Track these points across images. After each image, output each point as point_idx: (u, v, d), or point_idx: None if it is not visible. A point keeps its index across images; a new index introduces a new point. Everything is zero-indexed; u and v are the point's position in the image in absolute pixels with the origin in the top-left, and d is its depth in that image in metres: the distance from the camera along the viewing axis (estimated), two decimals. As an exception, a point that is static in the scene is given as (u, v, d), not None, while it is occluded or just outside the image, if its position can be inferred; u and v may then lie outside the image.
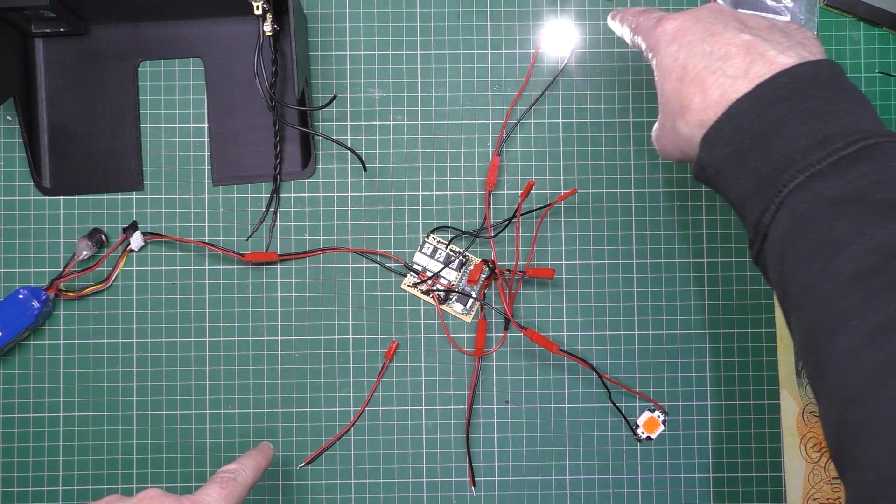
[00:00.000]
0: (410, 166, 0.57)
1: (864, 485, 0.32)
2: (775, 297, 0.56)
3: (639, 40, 0.45)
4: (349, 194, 0.57)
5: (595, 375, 0.55)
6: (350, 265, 0.56)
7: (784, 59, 0.38)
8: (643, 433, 0.56)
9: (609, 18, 0.50)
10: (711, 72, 0.39)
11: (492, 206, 0.56)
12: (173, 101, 0.56)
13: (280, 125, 0.56)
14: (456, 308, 0.56)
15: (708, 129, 0.39)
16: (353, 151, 0.55)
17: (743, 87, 0.38)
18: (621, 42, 0.57)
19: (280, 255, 0.56)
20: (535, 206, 0.56)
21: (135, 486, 0.55)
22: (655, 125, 0.45)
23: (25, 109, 0.55)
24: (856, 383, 0.33)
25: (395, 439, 0.56)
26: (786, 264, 0.36)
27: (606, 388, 0.55)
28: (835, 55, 0.57)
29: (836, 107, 0.37)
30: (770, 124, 0.37)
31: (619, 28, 0.49)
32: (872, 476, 0.32)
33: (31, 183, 0.56)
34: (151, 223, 0.56)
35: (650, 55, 0.44)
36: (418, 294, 0.56)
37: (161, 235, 0.56)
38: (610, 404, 0.56)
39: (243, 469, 0.47)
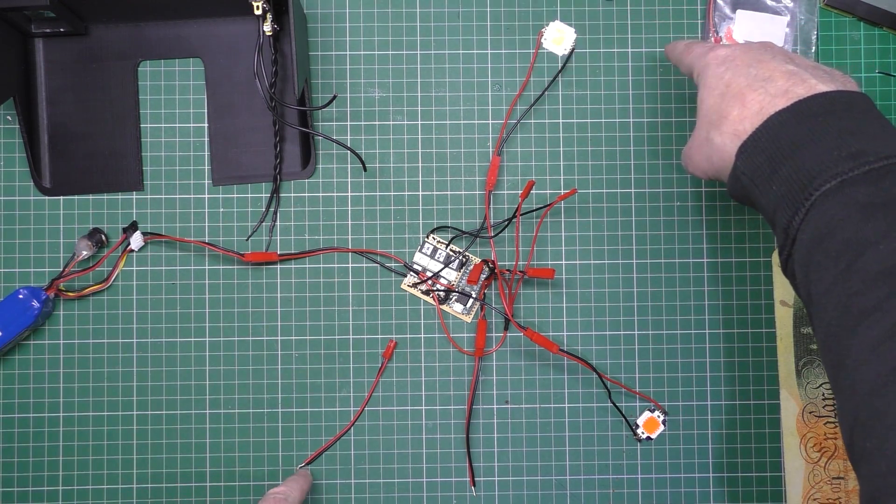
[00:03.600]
0: (410, 166, 0.57)
1: (877, 477, 0.32)
2: (775, 297, 0.56)
3: (690, 64, 0.48)
4: (349, 194, 0.57)
5: (595, 375, 0.55)
6: (350, 265, 0.56)
7: (824, 87, 0.40)
8: (643, 433, 0.56)
9: (667, 49, 0.53)
10: (753, 89, 0.42)
11: (492, 206, 0.56)
12: (173, 101, 0.56)
13: (280, 125, 0.56)
14: (456, 308, 0.56)
15: (746, 139, 0.41)
16: (353, 151, 0.55)
17: (781, 103, 0.40)
18: (621, 42, 0.57)
19: (280, 255, 0.56)
20: (535, 206, 0.56)
21: (135, 486, 0.55)
22: (687, 143, 0.47)
23: (25, 109, 0.55)
24: (874, 376, 0.33)
25: (395, 439, 0.56)
26: (811, 264, 0.37)
27: (606, 388, 0.55)
28: (835, 55, 0.57)
29: (870, 129, 0.39)
30: (805, 136, 0.39)
31: (675, 56, 0.52)
32: (885, 467, 0.32)
33: (31, 183, 0.56)
34: (151, 223, 0.56)
35: (697, 75, 0.47)
36: (418, 294, 0.56)
37: (161, 235, 0.56)
38: (610, 404, 0.56)
39: (292, 492, 0.50)
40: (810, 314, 0.39)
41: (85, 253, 0.55)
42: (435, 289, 0.56)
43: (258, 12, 0.52)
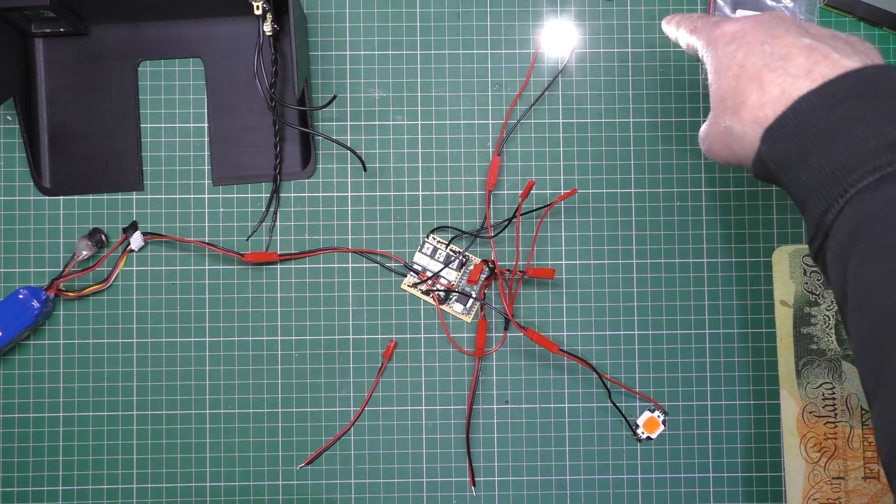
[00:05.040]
0: (410, 166, 0.57)
1: None
2: (775, 297, 0.56)
3: (694, 41, 0.45)
4: (349, 194, 0.57)
5: (595, 375, 0.55)
6: (350, 265, 0.56)
7: (848, 62, 0.37)
8: (643, 433, 0.56)
9: (664, 23, 0.50)
10: (771, 70, 0.39)
11: (492, 206, 0.56)
12: (173, 101, 0.56)
13: (280, 125, 0.56)
14: (456, 308, 0.56)
15: (771, 124, 0.38)
16: (353, 151, 0.55)
17: (805, 85, 0.38)
18: (621, 42, 0.57)
19: (280, 255, 0.56)
20: (535, 206, 0.56)
21: (135, 486, 0.55)
22: (703, 125, 0.45)
23: (25, 109, 0.55)
24: None
25: (395, 439, 0.56)
26: (850, 265, 0.35)
27: (606, 388, 0.55)
28: (835, 55, 0.57)
29: None
30: (837, 122, 0.36)
31: (673, 31, 0.49)
32: None
33: (31, 183, 0.56)
34: (151, 223, 0.56)
35: (704, 54, 0.44)
36: (418, 294, 0.56)
37: (161, 235, 0.56)
38: (610, 404, 0.56)
39: None
40: (844, 313, 0.36)
41: (85, 253, 0.55)
42: (435, 289, 0.56)
43: (258, 12, 0.52)
